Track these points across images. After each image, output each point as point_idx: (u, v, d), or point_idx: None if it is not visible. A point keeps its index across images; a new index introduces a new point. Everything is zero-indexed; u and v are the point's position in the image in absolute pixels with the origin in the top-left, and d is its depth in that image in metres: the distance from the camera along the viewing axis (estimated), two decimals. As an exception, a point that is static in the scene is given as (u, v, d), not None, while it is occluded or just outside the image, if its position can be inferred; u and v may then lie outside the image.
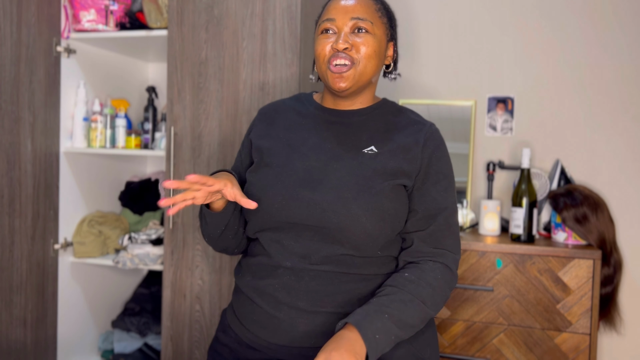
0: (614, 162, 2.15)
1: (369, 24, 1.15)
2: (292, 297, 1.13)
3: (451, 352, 1.92)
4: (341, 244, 1.11)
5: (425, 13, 2.35)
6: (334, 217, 1.10)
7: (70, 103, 2.22)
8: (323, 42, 1.17)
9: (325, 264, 1.12)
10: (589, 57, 2.18)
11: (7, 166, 1.92)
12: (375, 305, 1.06)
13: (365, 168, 1.14)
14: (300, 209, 1.12)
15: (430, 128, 1.21)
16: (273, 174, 1.17)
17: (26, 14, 1.97)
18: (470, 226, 2.17)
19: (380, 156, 1.16)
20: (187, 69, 1.95)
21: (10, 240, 1.94)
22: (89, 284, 2.36)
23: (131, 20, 2.14)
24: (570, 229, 1.95)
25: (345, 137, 1.19)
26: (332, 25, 1.16)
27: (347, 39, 1.14)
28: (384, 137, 1.19)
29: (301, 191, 1.13)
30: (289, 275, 1.14)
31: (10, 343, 1.95)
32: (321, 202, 1.11)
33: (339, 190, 1.11)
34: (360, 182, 1.12)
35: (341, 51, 1.14)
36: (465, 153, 2.27)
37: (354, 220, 1.09)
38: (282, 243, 1.15)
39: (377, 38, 1.17)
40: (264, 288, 1.16)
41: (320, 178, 1.14)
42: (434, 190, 1.17)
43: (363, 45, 1.15)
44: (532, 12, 2.23)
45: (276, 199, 1.14)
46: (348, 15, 1.15)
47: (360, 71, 1.15)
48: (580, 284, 1.82)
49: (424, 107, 2.30)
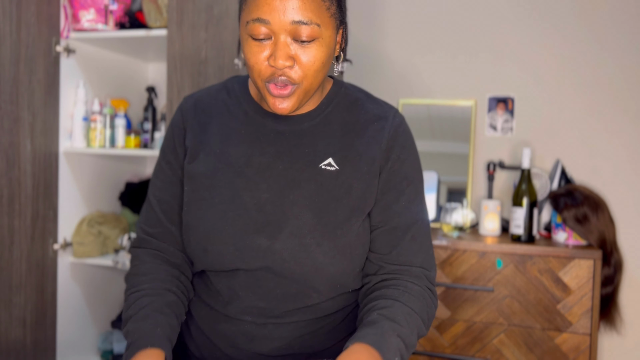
0: (614, 162, 2.15)
1: (316, 27, 0.86)
2: (254, 344, 0.99)
3: (451, 352, 1.92)
4: (305, 293, 0.97)
5: (425, 13, 2.34)
6: (297, 268, 0.94)
7: (69, 103, 2.21)
8: (256, 52, 0.88)
9: (288, 315, 0.98)
10: (590, 57, 2.17)
11: (6, 166, 1.92)
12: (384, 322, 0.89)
13: (326, 197, 0.95)
14: (257, 260, 0.94)
15: (392, 122, 1.01)
16: (217, 213, 0.96)
17: (26, 13, 1.97)
18: (470, 226, 2.17)
19: (342, 176, 0.97)
20: (187, 68, 1.95)
21: (10, 240, 1.94)
22: (88, 284, 2.36)
23: (131, 20, 2.14)
24: (570, 229, 1.94)
25: (297, 150, 0.97)
26: (265, 30, 0.86)
27: (287, 53, 0.87)
28: (342, 145, 0.98)
29: (256, 238, 0.94)
30: (248, 325, 0.99)
31: (9, 343, 1.94)
32: (281, 251, 0.93)
33: (300, 234, 0.93)
34: (324, 220, 0.94)
35: (280, 70, 0.88)
36: (466, 153, 2.26)
37: (319, 269, 0.94)
38: (238, 294, 0.98)
39: (327, 42, 0.89)
40: (221, 332, 1.01)
41: (276, 219, 0.94)
42: (396, 204, 0.99)
43: (309, 60, 0.88)
44: (533, 12, 2.23)
45: (227, 250, 0.95)
46: (287, 18, 0.85)
47: (306, 89, 0.91)
48: (581, 284, 1.82)
49: (424, 107, 2.30)
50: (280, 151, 0.98)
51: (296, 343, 0.99)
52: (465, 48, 2.30)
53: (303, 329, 0.99)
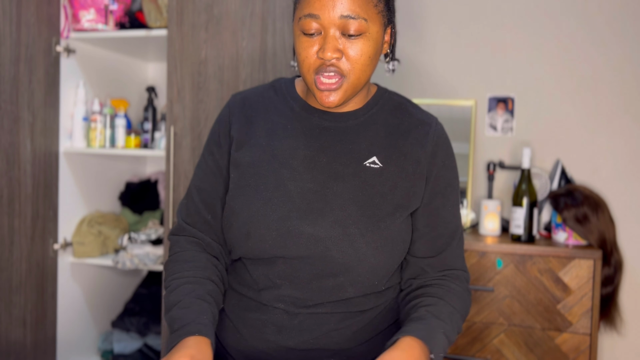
0: (614, 162, 2.15)
1: (363, 22, 0.91)
2: (282, 335, 1.00)
3: (451, 352, 1.92)
4: (342, 286, 0.99)
5: (426, 13, 2.34)
6: (339, 256, 0.96)
7: (69, 103, 2.21)
8: (306, 47, 0.94)
9: (322, 307, 1.00)
10: (590, 57, 2.17)
11: (6, 166, 1.92)
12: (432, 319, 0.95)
13: (370, 192, 0.99)
14: (298, 247, 0.96)
15: (436, 129, 1.06)
16: (262, 199, 0.98)
17: (26, 13, 1.97)
18: (470, 226, 2.17)
19: (386, 173, 1.00)
20: (187, 68, 1.95)
21: (10, 240, 1.94)
22: (88, 284, 2.36)
23: (131, 20, 2.14)
24: (570, 229, 1.94)
25: (341, 146, 1.01)
26: (316, 25, 0.92)
27: (336, 46, 0.92)
28: (386, 145, 1.02)
29: (299, 224, 0.96)
30: (280, 315, 1.01)
31: (9, 343, 1.94)
32: (324, 238, 0.96)
33: (344, 224, 0.96)
34: (368, 213, 0.97)
35: (329, 61, 0.92)
36: (466, 153, 2.26)
37: (361, 260, 0.96)
38: (274, 282, 1.00)
39: (374, 37, 0.94)
40: (251, 321, 1.03)
41: (320, 207, 0.97)
42: (444, 209, 1.04)
43: (356, 54, 0.93)
44: (533, 12, 2.23)
45: (269, 234, 0.97)
46: (336, 12, 0.90)
47: (353, 83, 0.95)
48: (581, 284, 1.82)
49: (424, 107, 2.30)
50: (325, 146, 1.01)
51: (323, 338, 1.01)
52: (466, 48, 2.30)
53: (332, 324, 1.01)
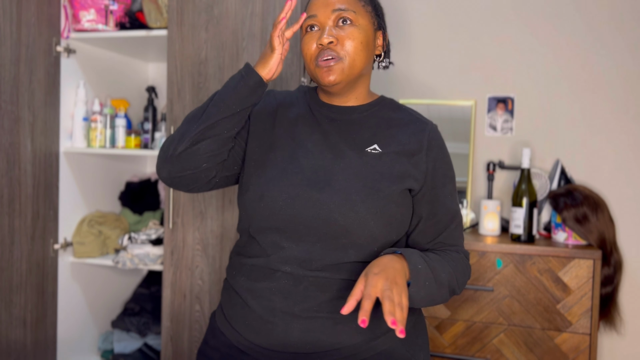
0: (614, 162, 2.15)
1: (352, 13, 1.13)
2: (288, 302, 1.10)
3: (451, 352, 1.92)
4: (344, 249, 1.10)
5: (425, 12, 2.34)
6: (341, 219, 1.08)
7: (70, 103, 2.22)
8: (308, 41, 1.14)
9: (325, 270, 1.10)
10: (590, 57, 2.18)
11: (6, 166, 1.92)
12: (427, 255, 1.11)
13: (371, 170, 1.13)
14: (306, 209, 1.09)
15: (432, 128, 1.21)
16: (278, 169, 1.15)
17: (26, 13, 1.97)
18: (470, 226, 2.17)
19: (385, 157, 1.14)
20: (187, 68, 1.95)
21: (10, 240, 1.94)
22: (88, 284, 2.36)
23: (131, 20, 2.14)
24: (570, 229, 1.95)
25: (347, 134, 1.18)
26: (314, 22, 1.14)
27: (331, 33, 1.12)
28: (386, 135, 1.17)
29: (308, 190, 1.10)
30: (286, 280, 1.11)
31: (10, 343, 1.95)
32: (329, 202, 1.09)
33: (346, 191, 1.09)
34: (368, 184, 1.11)
35: (326, 46, 1.11)
36: (466, 153, 2.26)
37: (361, 223, 1.08)
38: (282, 246, 1.12)
39: (363, 28, 1.14)
40: (259, 291, 1.13)
41: (327, 178, 1.12)
42: (442, 195, 1.17)
43: (348, 38, 1.12)
44: (533, 12, 2.23)
45: (281, 197, 1.11)
46: (329, 8, 1.12)
47: (349, 64, 1.12)
48: (581, 284, 1.82)
49: (424, 107, 2.30)
50: (333, 133, 1.18)
51: (327, 306, 1.10)
52: (465, 48, 2.30)
53: (336, 292, 1.10)
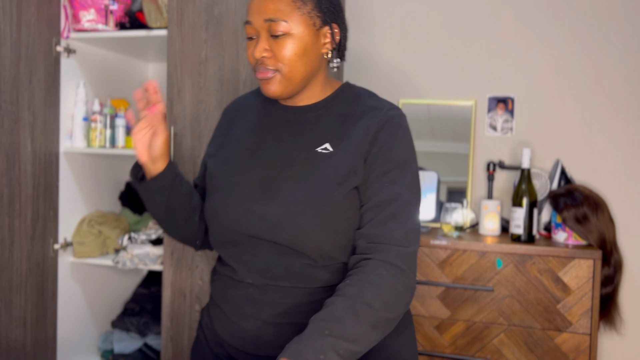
0: (614, 162, 2.15)
1: (283, 24, 1.05)
2: (256, 309, 1.11)
3: (451, 352, 1.92)
4: (298, 257, 1.08)
5: (426, 12, 2.34)
6: (284, 233, 1.06)
7: (70, 103, 2.21)
8: (248, 49, 1.11)
9: (286, 279, 1.09)
10: (590, 57, 2.18)
11: (6, 166, 1.92)
12: (313, 325, 0.95)
13: (317, 174, 1.08)
14: (251, 224, 1.09)
15: (386, 113, 1.12)
16: (228, 183, 1.15)
17: (26, 13, 1.97)
18: (470, 226, 2.17)
19: (334, 156, 1.09)
20: (187, 68, 1.95)
21: (10, 240, 1.94)
22: (88, 284, 2.36)
23: (131, 20, 2.14)
24: (570, 229, 1.94)
25: (300, 136, 1.14)
26: (250, 30, 1.09)
27: (264, 46, 1.07)
28: (339, 132, 1.12)
29: (253, 205, 1.09)
30: (252, 289, 1.12)
31: (10, 343, 1.95)
32: (272, 217, 1.07)
33: (287, 204, 1.07)
34: (310, 193, 1.06)
35: (260, 60, 1.08)
36: (466, 153, 2.26)
37: (304, 235, 1.05)
38: (241, 259, 1.13)
39: (298, 36, 1.06)
40: (231, 298, 1.15)
41: (272, 190, 1.09)
42: (378, 183, 1.07)
43: (282, 49, 1.06)
44: (533, 12, 2.23)
45: (230, 213, 1.12)
46: (261, 17, 1.06)
47: (287, 75, 1.08)
48: (581, 284, 1.82)
49: (424, 107, 2.30)
50: (285, 136, 1.15)
51: (294, 312, 1.09)
52: (465, 48, 2.30)
53: (301, 297, 1.09)
